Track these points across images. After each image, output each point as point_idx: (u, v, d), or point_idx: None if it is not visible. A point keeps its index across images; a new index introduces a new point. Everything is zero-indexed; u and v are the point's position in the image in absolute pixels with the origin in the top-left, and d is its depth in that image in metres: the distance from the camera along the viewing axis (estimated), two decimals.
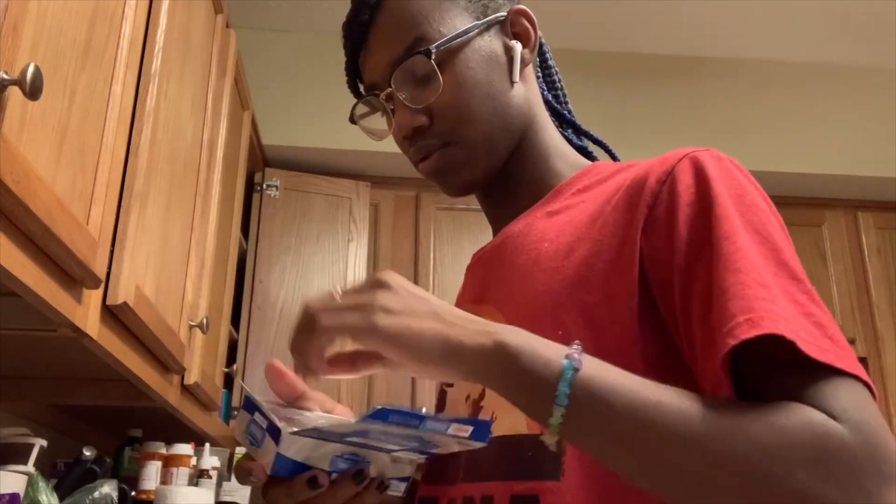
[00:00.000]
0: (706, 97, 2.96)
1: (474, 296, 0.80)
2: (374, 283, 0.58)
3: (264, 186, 2.66)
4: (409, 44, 0.75)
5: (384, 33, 0.76)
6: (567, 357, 0.53)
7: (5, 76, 0.72)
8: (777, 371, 0.53)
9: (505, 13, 0.79)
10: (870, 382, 0.53)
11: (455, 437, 0.57)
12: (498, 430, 0.67)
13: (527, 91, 0.80)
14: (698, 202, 0.61)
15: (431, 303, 0.58)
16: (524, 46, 0.79)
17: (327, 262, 2.65)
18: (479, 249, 0.86)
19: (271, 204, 2.66)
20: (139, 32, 1.19)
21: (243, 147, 2.30)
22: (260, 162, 2.72)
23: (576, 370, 0.52)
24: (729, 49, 2.97)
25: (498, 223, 0.84)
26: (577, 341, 0.55)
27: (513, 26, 0.79)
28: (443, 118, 0.75)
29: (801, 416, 0.50)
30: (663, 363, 0.62)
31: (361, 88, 0.82)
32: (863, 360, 2.87)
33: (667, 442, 0.51)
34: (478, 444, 0.58)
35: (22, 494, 1.31)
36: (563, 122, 0.87)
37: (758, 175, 0.68)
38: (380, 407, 0.52)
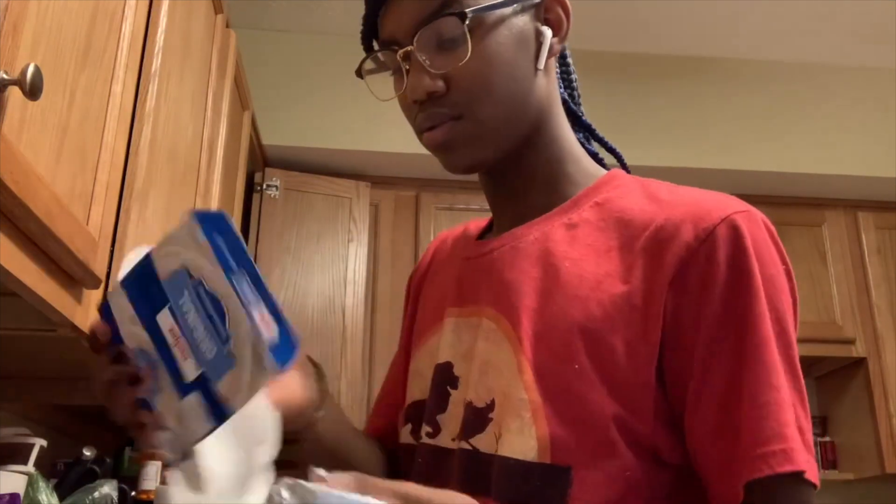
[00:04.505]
0: (706, 97, 2.96)
1: (471, 294, 0.77)
2: None
3: (264, 186, 2.66)
4: (440, 3, 0.70)
5: None
6: None
7: (5, 76, 0.72)
8: (780, 493, 0.61)
9: None
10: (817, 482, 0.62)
11: (254, 332, 0.50)
12: (505, 450, 0.66)
13: (548, 83, 0.76)
14: (736, 282, 0.63)
15: None
16: (554, 35, 0.75)
17: (327, 262, 2.65)
18: (481, 242, 0.81)
19: (271, 204, 2.66)
20: (139, 32, 1.19)
21: (243, 147, 2.30)
22: (260, 162, 2.72)
23: None
24: (729, 49, 2.97)
25: (502, 215, 0.80)
26: None
27: (547, 12, 0.75)
28: (461, 89, 0.70)
29: None
30: (671, 420, 0.65)
31: (375, 44, 0.77)
32: (863, 360, 2.87)
33: None
34: (276, 368, 0.50)
35: (22, 494, 1.31)
36: (578, 124, 0.83)
37: (758, 175, 0.69)
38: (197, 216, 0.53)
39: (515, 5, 0.72)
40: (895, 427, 2.77)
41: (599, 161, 0.83)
